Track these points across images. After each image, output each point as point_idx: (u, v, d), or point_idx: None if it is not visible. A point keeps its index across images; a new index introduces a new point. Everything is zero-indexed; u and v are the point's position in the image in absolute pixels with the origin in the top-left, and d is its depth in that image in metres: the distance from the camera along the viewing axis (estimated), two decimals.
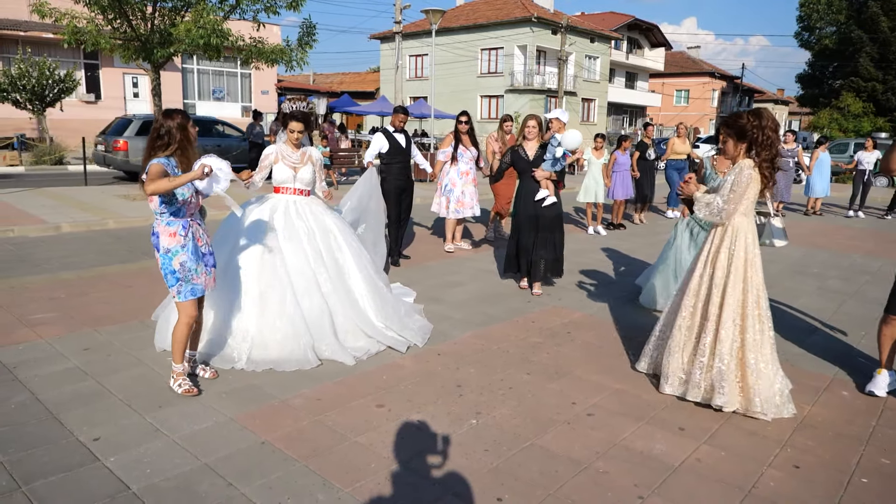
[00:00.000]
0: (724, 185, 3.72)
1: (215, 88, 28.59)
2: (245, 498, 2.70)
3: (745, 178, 3.59)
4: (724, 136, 3.74)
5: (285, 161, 4.63)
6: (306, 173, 4.65)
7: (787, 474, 3.06)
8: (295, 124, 4.54)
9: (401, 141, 7.25)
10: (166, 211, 3.49)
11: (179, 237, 3.52)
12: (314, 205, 4.75)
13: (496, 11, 36.83)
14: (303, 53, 11.50)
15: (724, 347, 3.66)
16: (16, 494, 2.65)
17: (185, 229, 3.53)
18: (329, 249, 4.64)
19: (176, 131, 3.46)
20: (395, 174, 7.23)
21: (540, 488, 2.86)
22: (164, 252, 3.51)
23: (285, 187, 4.67)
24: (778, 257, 8.42)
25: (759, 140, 3.60)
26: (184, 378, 3.69)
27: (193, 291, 3.58)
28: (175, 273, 3.52)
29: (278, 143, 4.70)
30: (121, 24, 10.63)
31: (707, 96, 53.11)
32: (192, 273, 3.55)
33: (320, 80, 48.96)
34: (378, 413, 3.55)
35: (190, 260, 3.53)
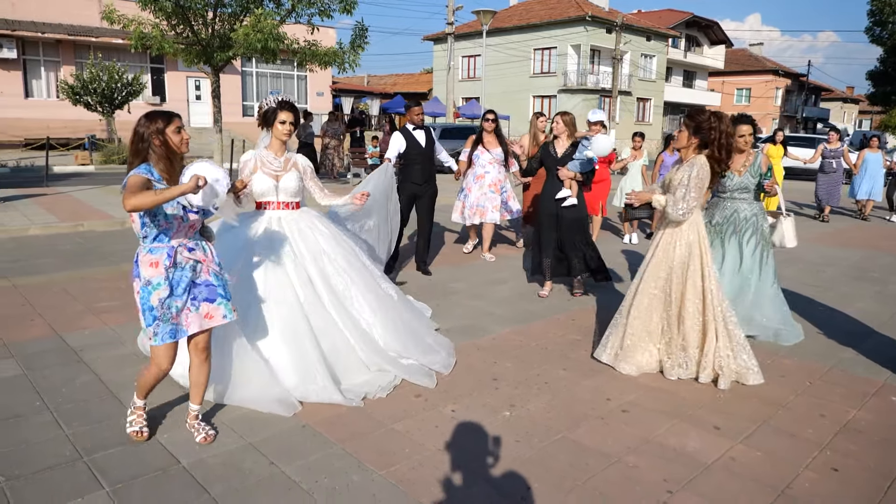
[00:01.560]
0: (680, 182, 3.96)
1: (273, 90, 29.32)
2: (285, 476, 2.85)
3: (705, 172, 3.93)
4: (683, 126, 4.07)
5: (265, 169, 3.97)
6: (291, 182, 3.99)
7: (823, 476, 3.02)
8: (284, 114, 3.93)
9: (420, 139, 6.50)
10: (149, 234, 2.93)
11: (162, 268, 2.92)
12: (303, 220, 4.06)
13: (550, 11, 36.59)
14: (354, 55, 11.78)
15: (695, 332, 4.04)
16: (78, 464, 2.88)
17: (169, 258, 2.94)
18: (323, 275, 3.97)
19: (151, 136, 2.92)
20: (413, 177, 6.48)
21: (569, 479, 2.91)
22: (143, 284, 2.93)
23: (267, 201, 4.00)
24: (835, 260, 8.14)
25: (716, 140, 3.93)
26: (140, 415, 3.16)
27: (173, 333, 2.96)
28: (153, 310, 2.92)
29: (258, 149, 4.07)
30: (184, 30, 11.14)
31: (770, 95, 51.33)
32: (171, 311, 2.95)
33: (374, 82, 49.67)
34: (415, 402, 3.66)
35: (172, 296, 2.94)
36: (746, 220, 4.86)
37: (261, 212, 4.02)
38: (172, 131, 2.95)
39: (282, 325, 3.68)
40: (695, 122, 4.01)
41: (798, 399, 3.87)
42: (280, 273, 3.81)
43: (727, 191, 4.91)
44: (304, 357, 3.64)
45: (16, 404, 3.48)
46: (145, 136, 2.92)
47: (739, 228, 4.86)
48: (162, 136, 2.93)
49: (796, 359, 4.54)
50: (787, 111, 52.70)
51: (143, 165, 2.90)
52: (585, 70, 35.24)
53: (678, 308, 4.06)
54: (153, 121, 2.94)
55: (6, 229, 8.34)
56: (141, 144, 2.93)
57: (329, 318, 3.87)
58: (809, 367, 4.38)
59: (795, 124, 50.89)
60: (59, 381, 3.77)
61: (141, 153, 2.93)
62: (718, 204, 5.00)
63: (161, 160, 2.94)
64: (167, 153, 2.95)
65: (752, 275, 4.82)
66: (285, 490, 2.75)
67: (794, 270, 7.37)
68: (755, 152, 4.90)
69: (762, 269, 4.83)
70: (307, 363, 3.63)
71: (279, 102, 3.94)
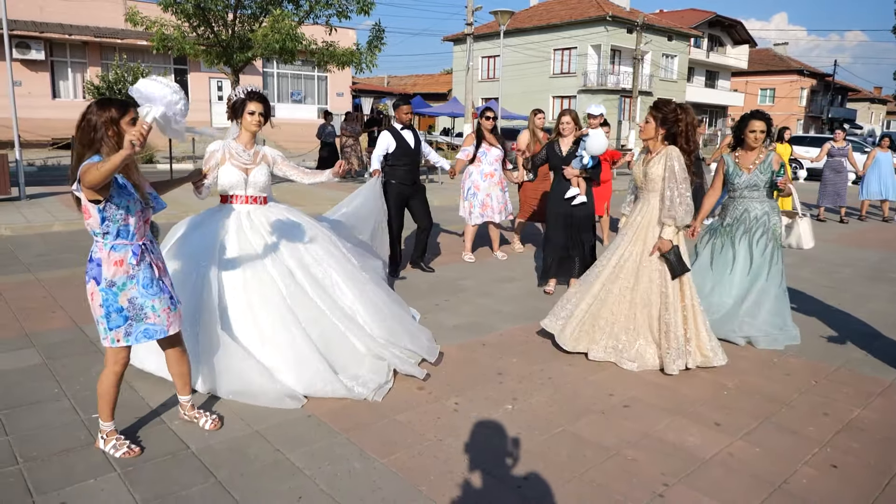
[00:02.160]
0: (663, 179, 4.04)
1: (294, 91, 29.72)
2: (289, 462, 2.94)
3: (683, 162, 4.04)
4: (650, 116, 4.11)
5: (234, 161, 3.82)
6: (260, 175, 3.87)
7: (822, 473, 3.03)
8: (254, 104, 3.80)
9: (408, 139, 6.38)
10: (110, 231, 2.73)
11: (129, 266, 2.77)
12: (272, 213, 3.95)
13: (570, 11, 36.48)
14: (371, 56, 11.90)
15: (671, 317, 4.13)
16: (92, 447, 3.00)
17: (135, 256, 2.79)
18: (302, 265, 3.89)
19: (102, 127, 2.67)
20: (401, 177, 6.36)
21: (566, 471, 2.96)
22: (106, 286, 2.75)
23: (234, 195, 3.85)
24: (853, 261, 8.05)
25: (683, 133, 4.04)
26: (118, 437, 2.97)
27: (148, 333, 2.84)
28: (122, 311, 2.77)
29: (226, 140, 3.92)
30: (204, 31, 11.35)
31: (795, 95, 50.60)
32: (143, 311, 2.82)
33: (394, 83, 49.92)
34: (418, 395, 3.74)
35: (141, 295, 2.80)
36: (757, 220, 4.79)
37: (228, 206, 3.89)
38: (127, 122, 2.72)
39: (269, 321, 3.62)
40: (661, 112, 4.08)
41: (802, 397, 3.87)
42: (259, 269, 3.71)
43: (737, 189, 4.84)
44: (297, 350, 3.59)
45: (36, 391, 3.62)
46: (98, 126, 2.67)
47: (750, 228, 4.79)
48: (115, 127, 2.70)
49: (804, 358, 4.53)
50: (813, 112, 51.89)
51: (95, 157, 2.65)
52: (606, 70, 35.08)
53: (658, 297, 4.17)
54: (105, 109, 2.69)
55: (31, 226, 8.59)
56: (94, 134, 2.67)
57: (316, 308, 3.80)
58: (816, 367, 4.37)
59: (821, 125, 50.09)
60: (77, 370, 3.91)
61: (94, 144, 2.68)
62: (729, 205, 4.94)
63: (113, 152, 2.62)
64: (119, 145, 2.67)
65: (760, 275, 4.76)
66: (289, 475, 2.84)
67: (810, 271, 7.32)
68: (768, 150, 4.80)
69: (770, 269, 4.76)
70: (301, 356, 3.58)
71: (248, 93, 3.83)
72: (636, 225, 4.23)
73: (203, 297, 3.56)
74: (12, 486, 2.68)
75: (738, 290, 4.79)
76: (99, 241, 2.77)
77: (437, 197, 12.21)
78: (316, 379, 3.55)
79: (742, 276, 4.80)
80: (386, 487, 2.77)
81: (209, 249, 3.68)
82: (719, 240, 4.94)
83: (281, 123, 23.73)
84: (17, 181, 10.57)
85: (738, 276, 4.80)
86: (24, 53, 22.01)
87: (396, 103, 6.58)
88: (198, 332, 3.52)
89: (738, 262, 4.81)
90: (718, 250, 4.92)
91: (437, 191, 13.46)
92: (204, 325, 3.52)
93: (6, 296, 5.46)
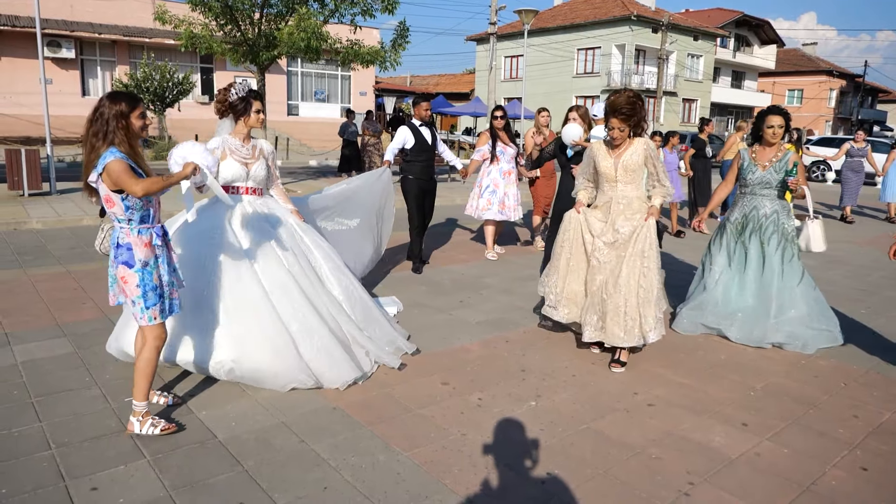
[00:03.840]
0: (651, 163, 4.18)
1: (317, 90, 29.95)
2: (314, 453, 2.97)
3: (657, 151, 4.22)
4: (622, 125, 4.07)
5: (234, 156, 3.91)
6: (260, 170, 3.98)
7: (851, 475, 2.98)
8: (258, 103, 3.95)
9: (426, 136, 6.49)
10: (134, 217, 2.94)
11: (155, 247, 3.01)
12: (271, 205, 4.12)
13: (594, 10, 36.25)
14: (395, 55, 11.94)
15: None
16: (122, 434, 3.06)
17: (159, 237, 3.03)
18: (301, 253, 4.04)
19: (113, 120, 2.85)
20: (419, 173, 6.45)
21: (589, 467, 2.95)
22: (141, 266, 2.94)
23: (236, 186, 3.97)
24: (885, 264, 7.89)
25: (643, 119, 4.11)
26: (154, 417, 3.11)
27: (173, 308, 3.12)
28: (156, 289, 2.99)
29: (222, 135, 3.98)
30: (231, 30, 11.48)
31: (823, 96, 49.72)
32: (170, 287, 3.09)
33: (417, 82, 50.03)
34: (442, 389, 3.75)
35: (167, 273, 3.07)
36: (766, 218, 4.67)
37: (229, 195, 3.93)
38: (136, 116, 2.91)
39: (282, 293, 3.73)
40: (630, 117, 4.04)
41: (831, 399, 3.81)
42: (266, 250, 3.81)
43: (749, 185, 4.74)
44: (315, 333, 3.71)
45: (68, 379, 3.70)
46: (109, 119, 2.84)
47: (759, 226, 4.68)
48: (125, 120, 2.87)
49: (833, 360, 4.46)
50: (842, 113, 50.96)
51: (112, 149, 2.83)
52: (630, 70, 34.79)
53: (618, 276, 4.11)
54: (116, 102, 2.87)
55: (62, 220, 8.77)
56: (107, 127, 2.84)
57: (314, 291, 3.92)
58: (845, 369, 4.30)
59: (850, 126, 49.14)
60: (107, 359, 3.98)
61: (108, 136, 2.84)
62: (739, 201, 4.85)
63: (122, 144, 2.87)
64: (128, 137, 2.89)
65: (774, 275, 4.62)
66: (313, 465, 2.87)
67: (839, 273, 7.18)
68: (786, 149, 4.71)
69: (784, 269, 4.62)
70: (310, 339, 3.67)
71: (251, 91, 3.92)
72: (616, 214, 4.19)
73: (209, 277, 3.67)
74: (45, 470, 2.75)
75: (755, 290, 4.69)
76: (125, 227, 2.93)
77: (461, 195, 12.21)
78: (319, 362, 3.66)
79: (756, 275, 4.69)
80: (410, 480, 2.79)
81: (214, 230, 3.79)
82: (731, 239, 4.83)
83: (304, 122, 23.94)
84: (48, 176, 10.81)
85: (751, 276, 4.70)
86: (55, 52, 22.47)
87: (416, 100, 6.64)
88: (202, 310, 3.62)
89: (752, 262, 4.71)
90: (733, 251, 4.82)
91: (460, 189, 13.47)
92: (208, 303, 3.64)
93: (39, 287, 5.59)
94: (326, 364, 3.64)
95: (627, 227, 4.14)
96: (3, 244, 7.21)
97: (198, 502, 2.57)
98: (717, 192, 4.98)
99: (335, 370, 3.65)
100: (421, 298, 5.67)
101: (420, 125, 6.48)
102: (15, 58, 22.33)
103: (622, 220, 4.17)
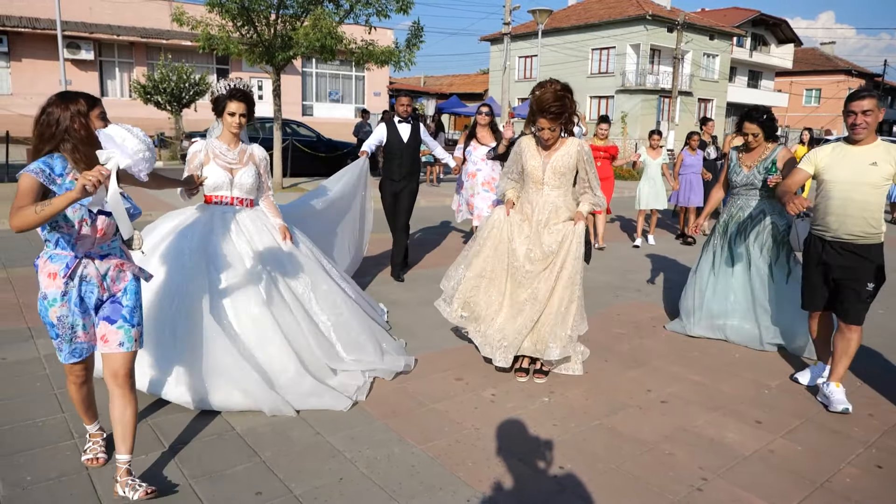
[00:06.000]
0: (579, 171, 3.83)
1: (331, 91, 30.09)
2: (329, 445, 3.02)
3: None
4: (554, 126, 3.66)
5: (218, 161, 3.53)
6: (247, 177, 3.59)
7: (866, 473, 2.98)
8: (235, 105, 3.46)
9: (402, 133, 6.05)
10: (50, 239, 2.42)
11: (59, 281, 2.41)
12: (258, 219, 3.68)
13: (609, 10, 36.10)
14: (410, 55, 11.99)
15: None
16: (142, 426, 3.11)
17: (67, 268, 2.41)
18: (284, 275, 3.64)
19: (69, 120, 2.37)
20: (391, 173, 6.08)
21: (602, 462, 2.97)
22: (41, 297, 2.44)
23: (219, 195, 3.57)
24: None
25: (574, 114, 3.72)
26: (96, 441, 2.81)
27: (75, 352, 2.50)
28: (53, 327, 2.45)
29: (208, 138, 3.69)
30: (248, 31, 11.59)
31: (841, 96, 48.91)
32: (74, 330, 2.47)
33: (430, 83, 50.10)
34: (456, 385, 3.78)
35: (72, 314, 2.45)
36: (752, 219, 4.62)
37: (213, 206, 3.60)
38: (97, 116, 2.45)
39: (253, 327, 3.39)
40: (561, 116, 3.64)
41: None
42: (242, 277, 3.45)
43: (735, 186, 4.69)
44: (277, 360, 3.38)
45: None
46: (60, 120, 2.38)
47: (744, 228, 4.62)
48: (84, 120, 2.41)
49: None
50: None
51: (42, 159, 2.34)
52: (644, 70, 34.59)
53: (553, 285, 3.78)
54: (72, 101, 2.40)
55: None
56: (55, 129, 2.37)
57: (293, 320, 3.56)
58: (861, 369, 4.27)
59: None
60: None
61: (54, 139, 2.38)
62: (728, 201, 4.81)
63: (83, 145, 2.39)
64: (89, 138, 2.40)
65: (763, 278, 4.55)
66: (329, 457, 2.91)
67: None
68: (771, 148, 4.59)
69: (773, 270, 4.54)
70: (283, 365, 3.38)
71: (230, 90, 3.47)
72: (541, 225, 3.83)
73: (187, 304, 3.30)
74: (68, 458, 2.81)
75: (742, 292, 4.61)
76: (44, 247, 2.48)
77: None
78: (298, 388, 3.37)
79: (743, 277, 4.62)
80: (424, 472, 2.83)
81: (193, 252, 3.41)
82: (719, 242, 4.78)
83: (319, 122, 24.06)
84: None
85: (739, 278, 4.63)
86: (74, 53, 22.78)
87: (397, 96, 6.25)
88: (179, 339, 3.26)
89: (738, 264, 4.64)
90: (720, 253, 4.75)
91: None
92: (189, 331, 3.26)
93: None
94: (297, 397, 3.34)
95: (553, 240, 3.76)
96: (26, 241, 7.34)
97: (217, 491, 2.62)
98: (712, 195, 4.93)
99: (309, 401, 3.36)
100: (435, 296, 5.69)
101: (399, 122, 6.11)
102: (35, 59, 22.67)
103: (547, 233, 3.78)
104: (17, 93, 22.61)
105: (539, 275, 3.79)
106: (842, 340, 3.64)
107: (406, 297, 5.63)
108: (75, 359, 2.52)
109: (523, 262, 3.80)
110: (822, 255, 3.66)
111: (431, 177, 16.35)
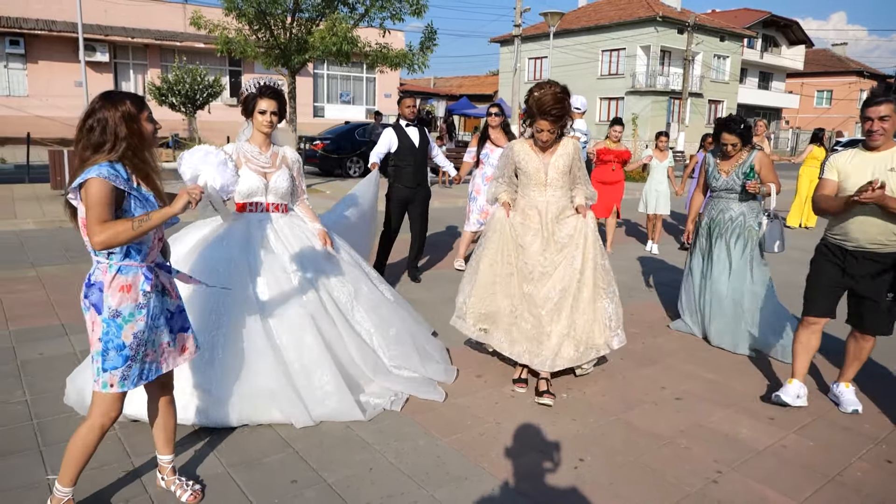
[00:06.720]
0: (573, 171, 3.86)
1: (343, 92, 30.31)
2: (359, 437, 3.15)
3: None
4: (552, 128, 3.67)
5: (251, 165, 3.38)
6: (282, 181, 3.44)
7: (876, 467, 3.08)
8: (266, 102, 3.32)
9: (413, 137, 5.85)
10: (117, 251, 2.21)
11: (136, 293, 2.24)
12: (296, 225, 3.58)
13: (619, 12, 36.13)
14: (424, 57, 12.15)
15: None
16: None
17: (148, 280, 2.27)
18: (326, 284, 3.56)
19: (120, 125, 2.16)
20: (404, 180, 5.85)
21: (620, 455, 3.09)
22: (110, 316, 2.20)
23: (255, 202, 3.43)
24: None
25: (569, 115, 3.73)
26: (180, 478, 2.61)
27: (144, 375, 2.31)
28: (123, 349, 2.22)
29: (238, 141, 3.48)
30: (264, 34, 11.78)
31: (853, 97, 48.85)
32: (147, 347, 2.29)
33: (441, 84, 50.26)
34: (476, 381, 3.91)
35: (149, 329, 2.29)
36: (732, 221, 4.65)
37: (248, 215, 3.45)
38: (146, 119, 2.26)
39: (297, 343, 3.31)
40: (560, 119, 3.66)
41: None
42: (285, 287, 3.36)
43: (716, 190, 4.75)
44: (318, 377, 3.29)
45: None
46: (110, 125, 2.15)
47: (725, 230, 4.67)
48: (137, 125, 2.21)
49: None
50: None
51: (104, 164, 2.13)
52: (655, 71, 34.61)
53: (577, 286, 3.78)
54: (119, 102, 2.18)
55: None
56: (115, 140, 2.16)
57: (336, 335, 3.47)
58: (871, 368, 4.35)
59: None
60: None
61: (115, 151, 2.17)
62: (709, 204, 4.86)
63: (136, 153, 2.22)
64: (142, 144, 2.23)
65: (744, 279, 4.59)
66: (359, 448, 3.04)
67: None
68: (748, 153, 4.62)
69: (753, 273, 4.59)
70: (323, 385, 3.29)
71: (260, 88, 3.34)
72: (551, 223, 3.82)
73: (225, 318, 3.20)
74: (112, 448, 2.94)
75: (723, 294, 4.65)
76: (102, 262, 2.23)
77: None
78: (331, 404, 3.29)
79: (723, 279, 4.66)
80: (449, 462, 2.95)
81: (232, 264, 3.28)
82: (703, 243, 4.84)
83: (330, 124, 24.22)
84: None
85: (721, 280, 4.67)
86: (89, 55, 23.05)
87: (400, 97, 5.96)
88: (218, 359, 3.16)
89: (719, 266, 4.69)
90: (705, 255, 4.82)
91: None
92: (229, 350, 3.18)
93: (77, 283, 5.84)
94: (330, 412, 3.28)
95: (565, 233, 3.78)
96: (51, 241, 7.53)
97: (253, 478, 2.76)
98: (693, 200, 5.02)
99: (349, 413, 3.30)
100: (454, 294, 5.82)
101: (406, 125, 5.88)
102: (52, 61, 23.00)
103: (558, 228, 3.78)
104: (33, 94, 22.95)
105: (559, 266, 3.74)
106: (855, 346, 3.69)
107: (425, 296, 5.76)
108: (142, 382, 2.31)
109: (538, 260, 3.75)
110: (845, 265, 3.53)
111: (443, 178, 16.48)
